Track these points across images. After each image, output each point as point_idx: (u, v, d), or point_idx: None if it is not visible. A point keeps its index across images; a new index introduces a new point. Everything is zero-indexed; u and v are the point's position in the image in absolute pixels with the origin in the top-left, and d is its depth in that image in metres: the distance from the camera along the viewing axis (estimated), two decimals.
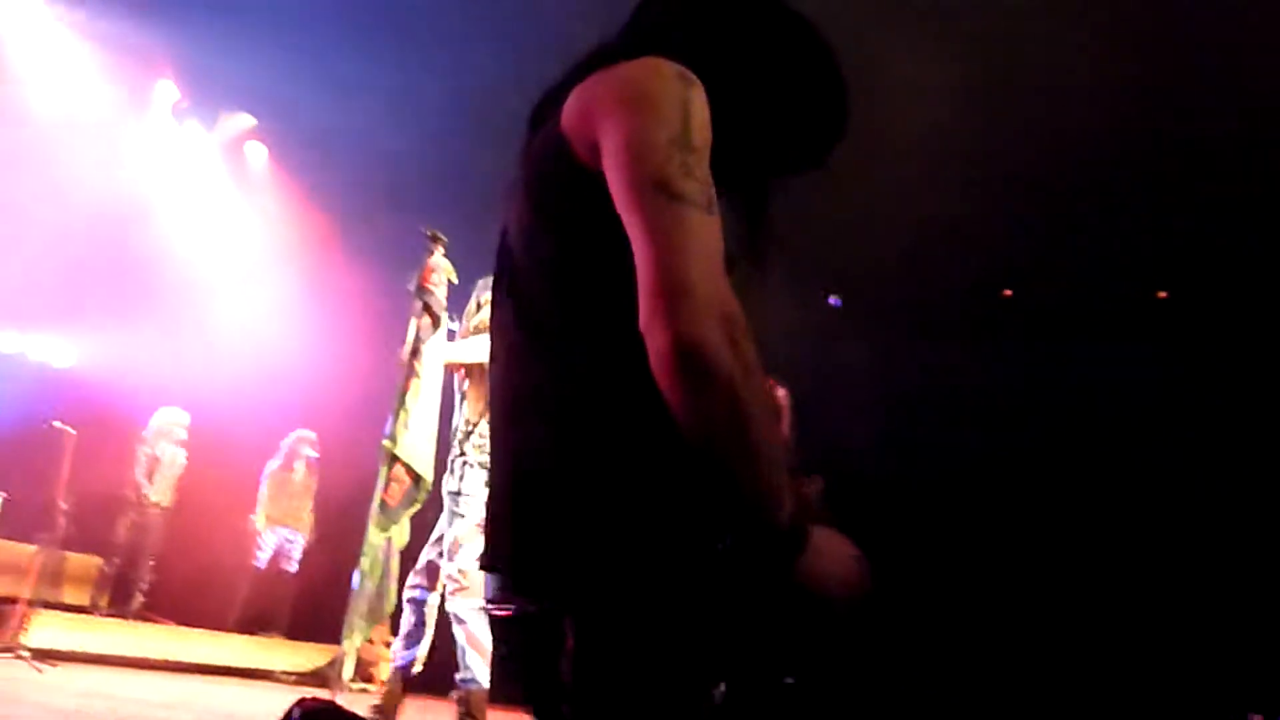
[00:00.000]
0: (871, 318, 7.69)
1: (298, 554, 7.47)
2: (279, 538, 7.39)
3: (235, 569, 7.45)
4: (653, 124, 1.05)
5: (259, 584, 7.31)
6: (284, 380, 7.58)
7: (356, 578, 3.78)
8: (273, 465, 7.53)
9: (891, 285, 7.39)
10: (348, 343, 7.55)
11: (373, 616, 3.89)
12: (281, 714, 1.53)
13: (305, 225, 8.21)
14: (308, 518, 7.57)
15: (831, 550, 1.07)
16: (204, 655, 6.59)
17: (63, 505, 5.98)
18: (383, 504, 3.78)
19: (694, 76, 1.09)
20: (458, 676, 3.63)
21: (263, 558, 7.32)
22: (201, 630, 6.84)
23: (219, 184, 9.02)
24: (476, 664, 3.58)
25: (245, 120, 8.35)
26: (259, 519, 7.33)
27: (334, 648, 6.29)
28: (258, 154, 8.80)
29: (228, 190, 8.82)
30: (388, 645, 6.83)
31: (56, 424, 6.11)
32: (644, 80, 1.09)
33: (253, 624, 7.15)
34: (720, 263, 1.02)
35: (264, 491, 7.43)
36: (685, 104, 1.07)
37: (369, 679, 7.08)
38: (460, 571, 3.62)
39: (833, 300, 7.68)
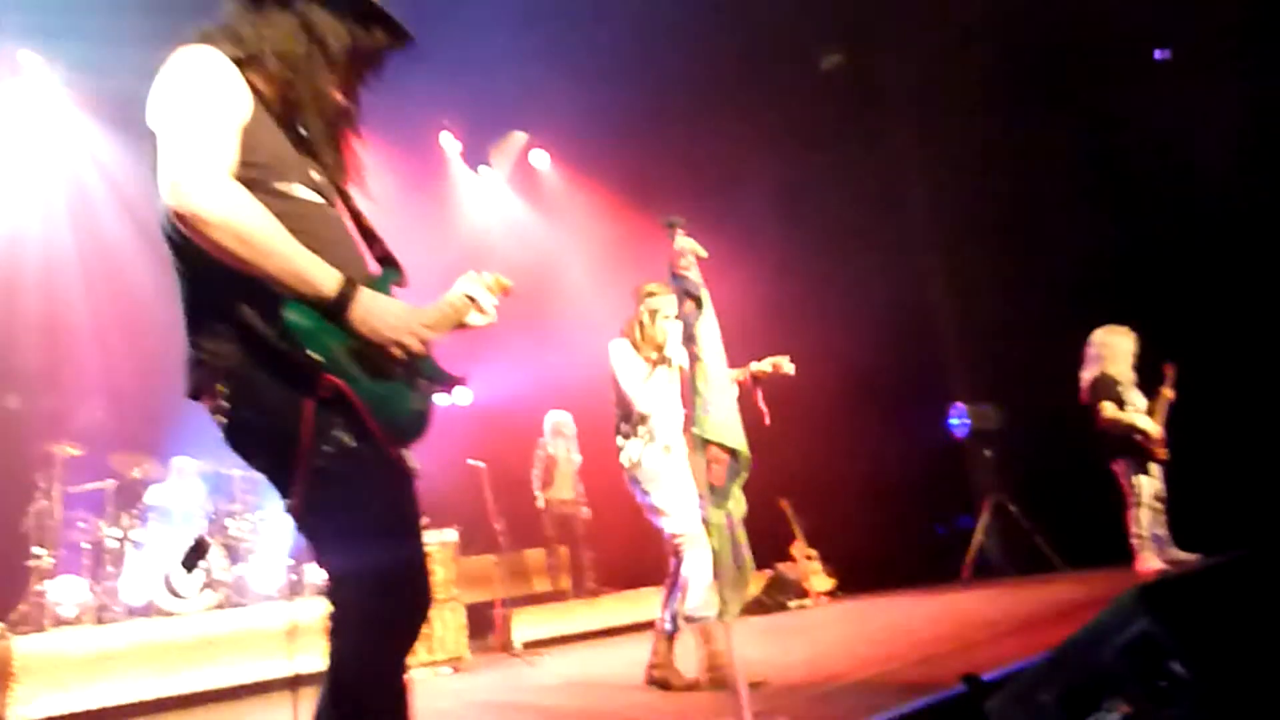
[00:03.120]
0: None
1: None
2: None
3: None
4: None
5: None
6: None
7: (711, 559, 4.02)
8: None
9: None
10: None
11: (739, 587, 4.12)
12: None
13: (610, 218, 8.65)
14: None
15: (381, 309, 1.66)
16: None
17: (497, 526, 7.01)
18: (711, 487, 3.97)
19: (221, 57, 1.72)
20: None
21: None
22: (649, 588, 7.60)
23: (528, 208, 9.83)
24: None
25: (519, 138, 8.93)
26: None
27: (766, 572, 7.02)
28: (543, 160, 9.45)
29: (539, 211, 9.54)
30: (809, 559, 7.29)
31: (470, 461, 7.14)
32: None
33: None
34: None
35: None
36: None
37: (804, 594, 7.50)
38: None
39: None
